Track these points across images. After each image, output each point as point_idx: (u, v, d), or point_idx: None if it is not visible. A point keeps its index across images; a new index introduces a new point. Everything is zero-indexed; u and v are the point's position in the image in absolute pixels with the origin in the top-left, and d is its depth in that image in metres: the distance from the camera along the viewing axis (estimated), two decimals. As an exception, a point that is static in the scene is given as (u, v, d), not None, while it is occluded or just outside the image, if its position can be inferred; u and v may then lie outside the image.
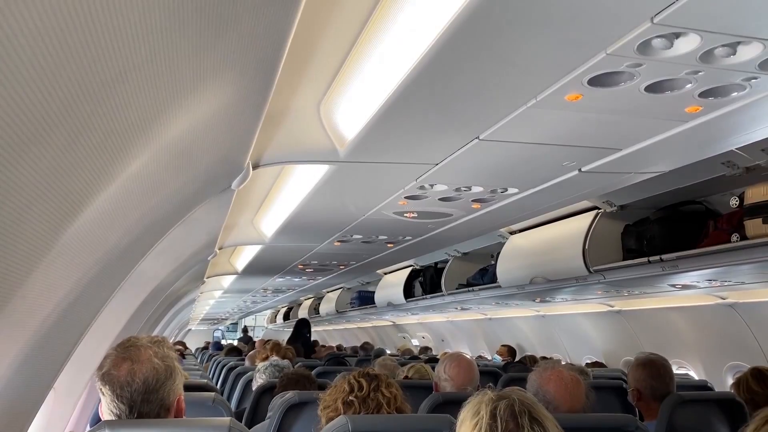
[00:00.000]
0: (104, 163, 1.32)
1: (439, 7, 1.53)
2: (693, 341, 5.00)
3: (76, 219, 1.38)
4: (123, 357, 1.65)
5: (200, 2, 1.06)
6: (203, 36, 1.19)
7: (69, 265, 1.56)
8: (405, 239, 4.54)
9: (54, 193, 1.20)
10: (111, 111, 1.15)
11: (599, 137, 2.29)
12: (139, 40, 1.02)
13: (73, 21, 0.83)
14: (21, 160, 1.00)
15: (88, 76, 0.99)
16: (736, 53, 1.61)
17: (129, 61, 1.05)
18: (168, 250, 3.38)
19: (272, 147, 2.55)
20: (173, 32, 1.08)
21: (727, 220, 3.36)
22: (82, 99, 1.03)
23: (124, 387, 1.60)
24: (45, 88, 0.91)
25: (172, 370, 1.68)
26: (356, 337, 12.66)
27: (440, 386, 2.91)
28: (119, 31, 0.96)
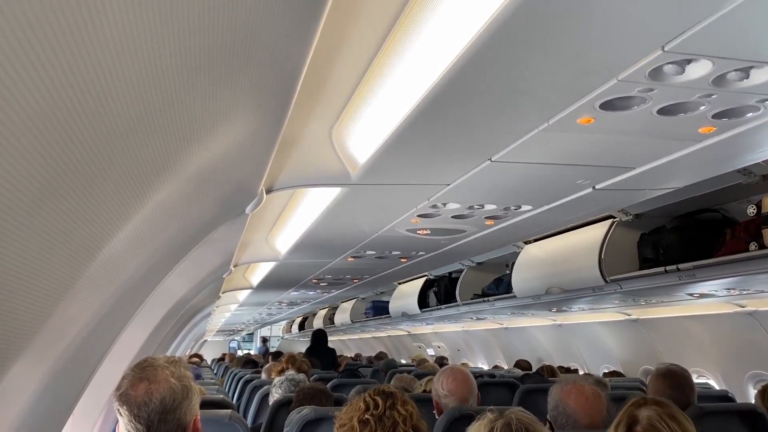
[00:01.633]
0: (121, 204, 1.34)
1: (452, 36, 1.55)
2: (712, 350, 4.95)
3: (98, 255, 1.40)
4: (140, 377, 1.65)
5: (214, 47, 1.07)
6: (218, 78, 1.20)
7: (90, 296, 1.59)
8: (418, 254, 4.54)
9: (75, 235, 1.22)
10: (127, 158, 1.17)
11: (612, 157, 2.28)
12: (152, 89, 1.03)
13: (89, 73, 0.84)
14: (39, 210, 1.01)
15: (104, 127, 1.00)
16: (749, 77, 1.60)
17: (143, 109, 1.07)
18: (184, 273, 3.41)
19: (285, 172, 2.57)
20: (188, 79, 1.10)
21: (744, 229, 3.33)
22: (98, 150, 1.04)
23: (141, 407, 1.61)
24: (63, 141, 0.92)
25: (188, 390, 1.69)
26: (371, 346, 12.65)
27: (441, 404, 2.85)
28: (133, 82, 0.97)
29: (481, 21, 1.41)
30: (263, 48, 1.18)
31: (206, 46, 1.01)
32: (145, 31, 0.84)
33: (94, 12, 0.73)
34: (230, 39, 1.04)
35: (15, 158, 0.81)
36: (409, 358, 9.79)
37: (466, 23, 1.48)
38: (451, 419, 2.54)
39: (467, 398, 2.82)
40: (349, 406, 2.11)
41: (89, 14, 0.73)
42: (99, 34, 0.76)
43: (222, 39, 1.02)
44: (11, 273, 1.01)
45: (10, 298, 1.08)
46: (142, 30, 0.83)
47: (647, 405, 1.92)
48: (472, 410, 2.57)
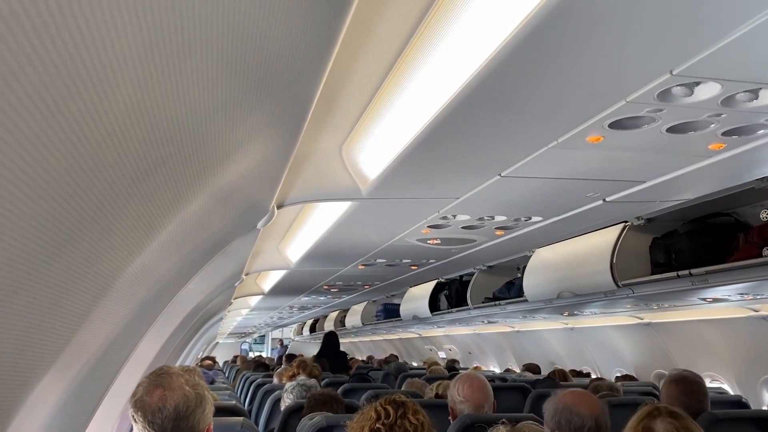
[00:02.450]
0: (137, 236, 1.37)
1: (465, 57, 1.56)
2: (726, 354, 4.92)
3: (117, 281, 1.43)
4: (155, 384, 1.67)
5: (231, 91, 1.09)
6: (233, 118, 1.22)
7: (111, 314, 1.63)
8: (429, 262, 4.55)
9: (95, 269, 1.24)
10: (142, 198, 1.19)
11: (622, 172, 2.28)
12: (168, 136, 1.05)
13: (106, 129, 0.86)
14: (62, 251, 1.04)
15: (121, 175, 1.03)
16: (759, 97, 1.60)
17: (157, 155, 1.09)
18: (198, 284, 3.45)
19: (296, 188, 2.59)
20: (203, 123, 1.12)
21: (757, 234, 3.30)
22: (116, 195, 1.07)
23: (155, 413, 1.62)
24: (83, 192, 0.95)
25: (202, 398, 1.71)
26: (382, 349, 12.65)
27: (456, 410, 2.86)
28: (149, 131, 0.99)
29: (494, 45, 1.42)
30: (278, 85, 1.20)
31: (222, 93, 1.03)
32: (161, 87, 0.86)
33: (116, 65, 0.75)
34: (246, 82, 1.06)
35: (37, 209, 0.84)
36: (420, 361, 9.79)
37: (478, 46, 1.49)
38: (462, 427, 2.54)
39: (483, 405, 2.82)
40: (360, 414, 2.12)
41: (106, 75, 0.75)
42: (117, 93, 0.78)
43: (238, 83, 1.04)
44: (36, 304, 1.04)
45: (37, 325, 1.11)
46: (159, 85, 0.85)
47: (662, 416, 1.91)
48: (484, 418, 2.58)
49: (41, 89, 0.67)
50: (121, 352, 2.19)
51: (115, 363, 2.18)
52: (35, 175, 0.77)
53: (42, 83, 0.66)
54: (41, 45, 0.61)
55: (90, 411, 2.10)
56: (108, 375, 2.15)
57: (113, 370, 2.19)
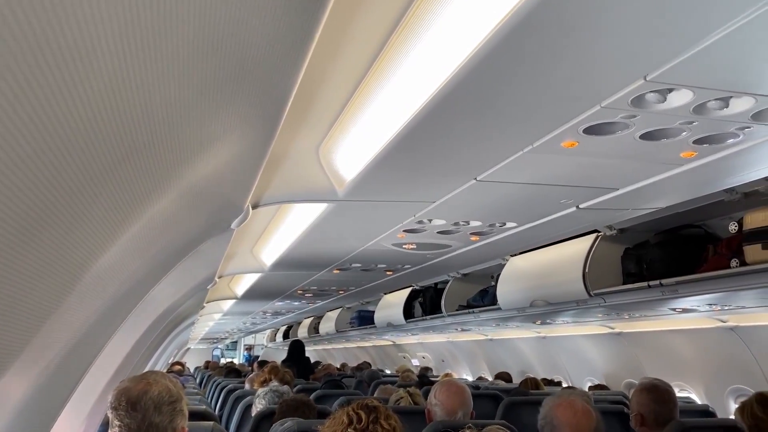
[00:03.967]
0: (108, 228, 1.34)
1: (441, 59, 1.57)
2: (694, 364, 4.99)
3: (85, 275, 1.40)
4: (140, 378, 1.80)
5: (205, 82, 1.08)
6: (208, 111, 1.21)
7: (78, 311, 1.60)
8: (404, 267, 4.55)
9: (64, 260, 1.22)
10: (115, 187, 1.17)
11: (596, 178, 2.31)
12: (141, 125, 1.04)
13: (80, 113, 0.85)
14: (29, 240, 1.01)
15: (93, 163, 1.01)
16: (729, 106, 1.63)
17: (131, 144, 1.07)
18: (169, 285, 3.40)
19: (271, 188, 2.57)
20: (177, 114, 1.10)
21: (726, 245, 3.36)
22: (87, 183, 1.05)
23: (140, 397, 1.71)
24: (52, 178, 0.93)
25: (181, 397, 1.82)
26: (356, 356, 12.60)
27: (432, 412, 2.91)
28: (122, 119, 0.97)
29: (471, 46, 1.43)
30: (253, 79, 1.19)
31: (196, 82, 1.02)
32: (134, 71, 0.84)
33: (84, 53, 0.74)
34: (220, 73, 1.05)
35: (5, 195, 0.81)
36: (393, 369, 9.77)
37: (455, 48, 1.50)
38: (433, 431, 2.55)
39: (455, 411, 2.85)
40: (332, 419, 2.11)
41: (79, 55, 0.74)
42: (90, 75, 0.77)
43: (213, 73, 1.03)
44: (2, 295, 1.02)
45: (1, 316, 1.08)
46: (132, 69, 0.84)
47: None
48: (454, 424, 2.60)
49: (6, 69, 0.65)
50: (89, 351, 2.15)
51: (82, 363, 2.15)
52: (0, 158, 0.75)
53: (13, 59, 0.65)
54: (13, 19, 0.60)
55: (55, 411, 2.06)
56: (75, 375, 2.11)
57: (80, 370, 2.16)
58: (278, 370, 5.59)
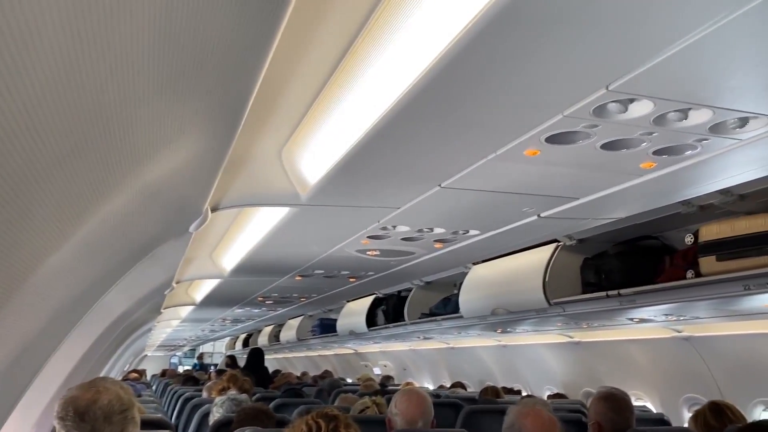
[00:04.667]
0: (57, 227, 1.29)
1: (407, 63, 1.56)
2: (650, 373, 5.08)
3: (31, 277, 1.34)
4: (89, 386, 1.73)
5: (160, 76, 1.04)
6: (163, 107, 1.17)
7: (21, 317, 1.53)
8: (367, 274, 4.53)
9: (7, 261, 1.16)
10: (64, 183, 1.12)
11: (557, 187, 2.34)
12: (92, 118, 1.00)
13: (25, 107, 0.80)
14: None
15: (38, 156, 0.96)
16: (688, 118, 1.66)
17: (82, 138, 1.03)
18: (124, 290, 3.31)
19: (232, 191, 2.53)
20: (130, 108, 1.06)
21: (682, 257, 3.43)
22: (33, 179, 1.00)
23: (89, 406, 1.65)
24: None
25: (133, 404, 1.77)
26: (317, 365, 12.50)
27: (393, 421, 2.91)
28: (71, 112, 0.93)
29: (435, 52, 1.43)
30: (212, 75, 1.16)
31: (152, 75, 0.98)
32: (85, 62, 0.80)
33: (30, 45, 0.70)
34: (178, 67, 1.02)
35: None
36: (355, 378, 9.71)
37: (420, 53, 1.50)
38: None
39: (416, 420, 2.84)
40: (291, 428, 2.08)
41: (25, 47, 0.70)
42: (37, 68, 0.73)
43: (169, 67, 1.00)
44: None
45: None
46: (82, 60, 0.80)
47: None
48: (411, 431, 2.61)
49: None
50: (36, 358, 2.07)
51: (29, 370, 2.06)
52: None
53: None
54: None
55: (0, 420, 1.97)
56: (20, 383, 2.02)
57: (26, 378, 2.06)
58: (237, 379, 5.49)
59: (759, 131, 1.73)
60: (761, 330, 3.87)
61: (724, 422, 3.15)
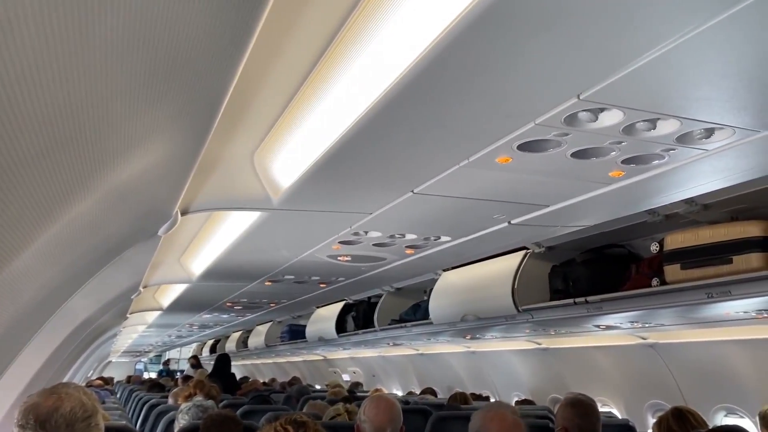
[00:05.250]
0: (24, 228, 1.26)
1: (381, 69, 1.57)
2: (616, 380, 5.15)
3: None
4: (51, 392, 1.67)
5: (131, 78, 1.02)
6: (135, 108, 1.15)
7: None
8: (338, 280, 4.51)
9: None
10: (32, 184, 1.09)
11: (528, 195, 2.36)
12: (62, 119, 0.98)
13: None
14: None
15: (5, 156, 0.94)
16: (656, 128, 1.70)
17: (52, 138, 1.01)
18: (90, 294, 3.24)
19: (202, 194, 2.50)
20: (101, 110, 1.04)
21: (648, 265, 3.50)
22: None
23: (50, 415, 1.59)
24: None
25: (96, 411, 1.72)
26: (285, 371, 12.39)
27: (361, 428, 2.89)
28: (41, 114, 0.91)
29: (409, 59, 1.44)
30: (185, 77, 1.14)
31: (125, 76, 0.97)
32: (57, 61, 0.79)
33: (4, 47, 0.68)
34: (150, 69, 1.01)
35: None
36: (324, 384, 9.66)
37: (394, 59, 1.51)
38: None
39: (385, 427, 2.83)
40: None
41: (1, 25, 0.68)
42: (6, 65, 0.71)
43: (144, 67, 0.98)
44: None
45: None
46: (54, 59, 0.78)
47: None
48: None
49: None
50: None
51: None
52: None
53: None
54: None
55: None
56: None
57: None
58: (203, 385, 5.41)
59: (724, 142, 1.78)
60: (723, 337, 3.95)
61: (687, 428, 3.21)
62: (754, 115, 1.61)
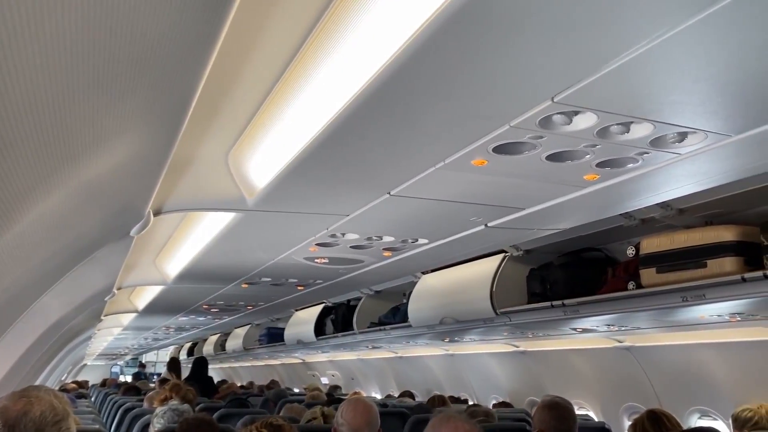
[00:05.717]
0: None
1: (356, 69, 1.55)
2: (592, 382, 5.19)
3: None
4: (20, 395, 1.66)
5: (97, 71, 1.00)
6: (103, 98, 1.12)
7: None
8: (316, 282, 4.48)
9: None
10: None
11: (504, 198, 2.36)
12: (24, 113, 0.95)
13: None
14: None
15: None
16: (630, 131, 1.71)
17: (11, 133, 0.98)
18: (61, 295, 3.19)
19: (176, 194, 2.46)
20: (65, 104, 1.02)
21: (624, 269, 3.52)
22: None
23: (19, 419, 1.57)
24: None
25: (68, 414, 1.70)
26: (263, 375, 12.31)
27: (339, 431, 2.88)
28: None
29: (384, 58, 1.43)
30: (154, 72, 1.12)
31: (91, 68, 0.94)
32: (17, 44, 0.76)
33: None
34: (115, 63, 0.98)
35: None
36: (302, 387, 9.60)
37: (369, 59, 1.49)
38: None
39: (362, 429, 2.82)
40: (235, 438, 2.04)
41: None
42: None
43: (107, 62, 0.96)
44: None
45: None
46: (14, 41, 0.76)
47: None
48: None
49: None
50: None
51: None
52: None
53: None
54: None
55: None
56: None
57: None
58: (180, 388, 5.33)
59: (696, 146, 1.79)
60: (697, 340, 4.00)
61: (662, 430, 3.24)
62: (725, 119, 1.63)
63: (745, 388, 3.79)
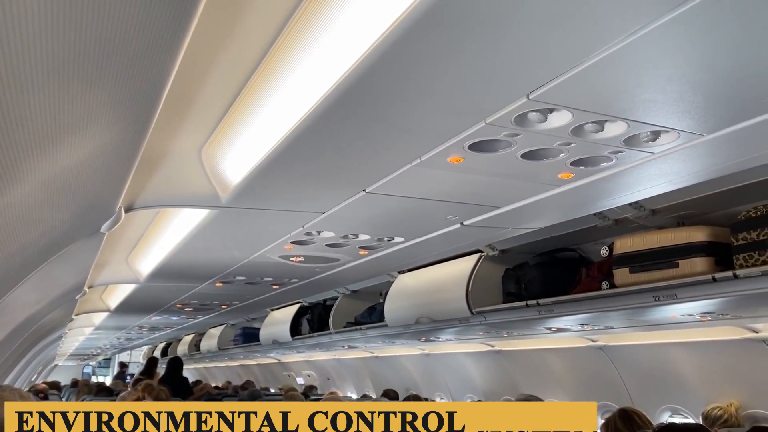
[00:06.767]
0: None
1: (331, 64, 1.54)
2: (566, 381, 5.22)
3: None
4: None
5: (59, 59, 0.97)
6: (67, 87, 1.09)
7: None
8: (291, 281, 4.45)
9: None
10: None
11: (479, 196, 2.36)
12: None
13: None
14: None
15: None
16: (604, 130, 1.71)
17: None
18: (29, 293, 3.11)
19: (147, 190, 2.42)
20: (27, 88, 0.98)
21: (597, 269, 3.55)
22: None
23: None
24: None
25: None
26: (239, 375, 12.20)
27: None
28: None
29: (358, 53, 1.42)
30: (120, 60, 1.09)
31: (54, 55, 0.91)
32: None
33: None
34: (79, 50, 0.95)
35: None
36: (278, 387, 9.54)
37: (344, 54, 1.48)
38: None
39: None
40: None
41: None
42: None
43: (68, 50, 0.93)
44: None
45: None
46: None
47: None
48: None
49: None
50: None
51: None
52: None
53: None
54: None
55: None
56: None
57: None
58: (152, 389, 5.25)
59: (669, 145, 1.80)
60: (669, 340, 4.05)
61: (633, 428, 3.27)
62: (698, 119, 1.64)
63: (715, 387, 3.85)
